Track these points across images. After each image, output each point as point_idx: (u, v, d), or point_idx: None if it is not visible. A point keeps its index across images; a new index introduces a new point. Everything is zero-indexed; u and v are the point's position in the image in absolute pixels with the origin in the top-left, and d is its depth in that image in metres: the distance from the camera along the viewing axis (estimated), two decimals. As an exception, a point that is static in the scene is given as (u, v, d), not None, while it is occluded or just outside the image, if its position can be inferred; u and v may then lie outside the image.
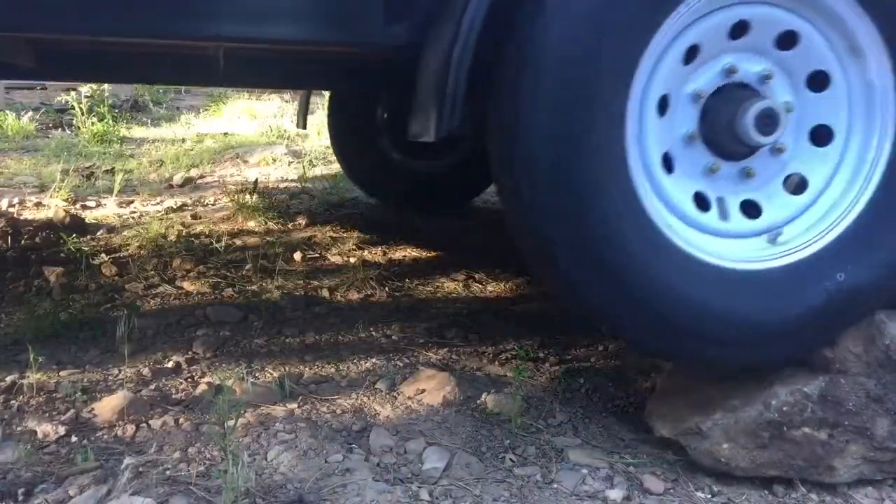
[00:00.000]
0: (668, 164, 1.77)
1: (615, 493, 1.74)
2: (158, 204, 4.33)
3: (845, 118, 1.79)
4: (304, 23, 1.68)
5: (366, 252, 3.41)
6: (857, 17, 1.69)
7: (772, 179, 1.83)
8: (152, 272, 3.04)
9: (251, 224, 3.84)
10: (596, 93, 1.57)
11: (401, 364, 2.33)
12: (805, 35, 1.73)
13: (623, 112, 1.62)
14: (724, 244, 1.79)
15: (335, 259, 3.32)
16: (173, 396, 2.09)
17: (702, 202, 1.80)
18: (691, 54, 1.72)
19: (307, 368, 2.30)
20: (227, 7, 1.64)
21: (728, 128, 1.72)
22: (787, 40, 1.74)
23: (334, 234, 3.67)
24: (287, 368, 2.27)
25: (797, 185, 1.85)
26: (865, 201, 1.78)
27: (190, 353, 2.37)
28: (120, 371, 2.23)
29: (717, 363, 1.80)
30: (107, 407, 1.98)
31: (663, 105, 1.74)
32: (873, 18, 1.69)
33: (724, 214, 1.79)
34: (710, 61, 1.74)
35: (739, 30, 1.72)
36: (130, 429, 1.91)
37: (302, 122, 3.88)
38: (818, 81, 1.77)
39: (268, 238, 3.59)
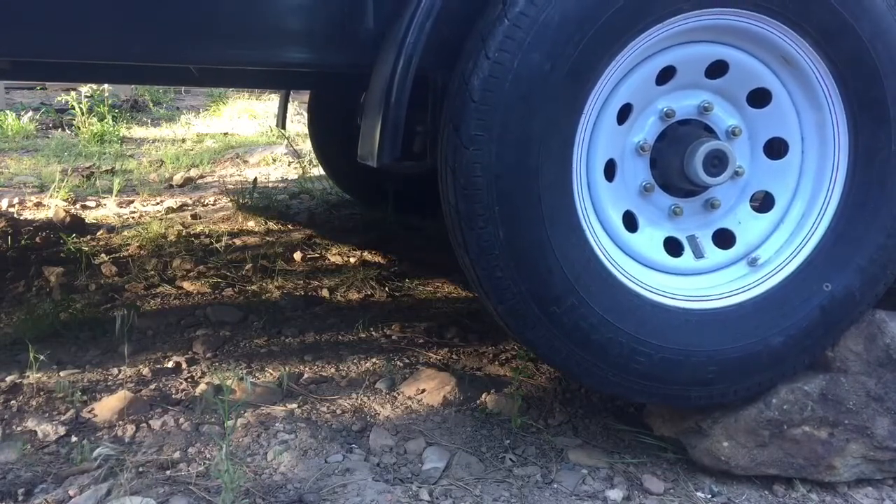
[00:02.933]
0: (632, 221, 1.77)
1: (615, 493, 1.74)
2: (158, 204, 4.33)
3: (796, 125, 1.79)
4: (251, 47, 1.71)
5: (366, 252, 3.41)
6: (783, 34, 1.69)
7: (738, 203, 1.83)
8: (152, 272, 3.04)
9: (251, 224, 3.84)
10: (536, 171, 1.58)
11: (401, 364, 2.32)
12: (734, 61, 1.73)
13: (569, 188, 1.62)
14: (706, 281, 1.80)
15: (335, 259, 3.32)
16: (173, 396, 2.10)
17: (675, 246, 1.80)
18: (624, 113, 1.72)
19: (307, 368, 2.30)
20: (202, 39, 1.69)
21: (680, 173, 1.72)
22: (718, 70, 1.73)
23: (334, 234, 3.67)
24: (287, 368, 2.27)
25: (764, 202, 1.85)
26: (836, 202, 1.78)
27: (190, 353, 2.37)
28: (120, 371, 2.23)
29: (714, 400, 1.79)
30: (107, 407, 1.98)
31: (611, 169, 1.74)
32: (801, 33, 1.68)
33: (698, 252, 1.79)
34: (646, 111, 1.74)
35: (666, 74, 1.71)
36: (130, 429, 1.91)
37: (281, 122, 3.82)
38: (760, 98, 1.77)
39: (268, 238, 3.59)
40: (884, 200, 1.75)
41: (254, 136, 6.80)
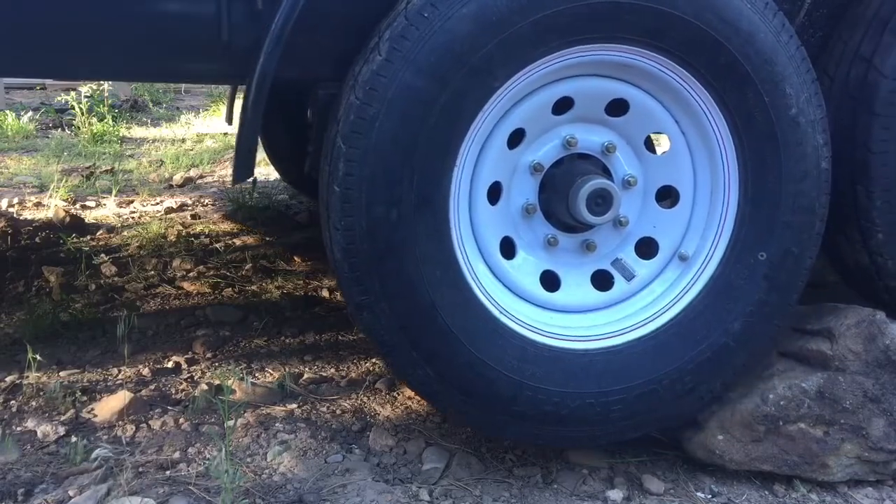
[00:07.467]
0: (553, 281, 1.76)
1: (615, 493, 1.74)
2: (158, 204, 4.33)
3: (672, 125, 1.75)
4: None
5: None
6: (646, 58, 1.65)
7: (644, 208, 1.80)
8: (152, 272, 3.04)
9: (251, 224, 3.84)
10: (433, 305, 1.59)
11: (400, 364, 2.32)
12: (578, 98, 1.70)
13: (462, 281, 1.62)
14: (649, 295, 1.79)
15: (335, 259, 3.32)
16: (173, 396, 2.10)
17: (605, 279, 1.79)
18: (494, 192, 1.70)
19: (307, 368, 2.30)
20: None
21: (573, 217, 1.69)
22: (562, 104, 1.70)
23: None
24: (287, 368, 2.27)
25: (671, 198, 1.82)
26: (736, 173, 1.73)
27: (190, 353, 2.37)
28: (120, 371, 2.24)
29: (707, 404, 1.80)
30: (107, 407, 1.98)
31: (510, 248, 1.73)
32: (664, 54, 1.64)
33: (628, 275, 1.77)
34: (514, 194, 1.72)
35: (515, 137, 1.69)
36: (130, 429, 1.91)
37: (229, 118, 3.75)
38: (617, 108, 1.73)
39: (268, 238, 3.59)
40: (781, 152, 1.70)
41: (254, 136, 6.78)
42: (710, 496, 1.78)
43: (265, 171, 5.41)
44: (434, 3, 1.50)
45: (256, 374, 2.23)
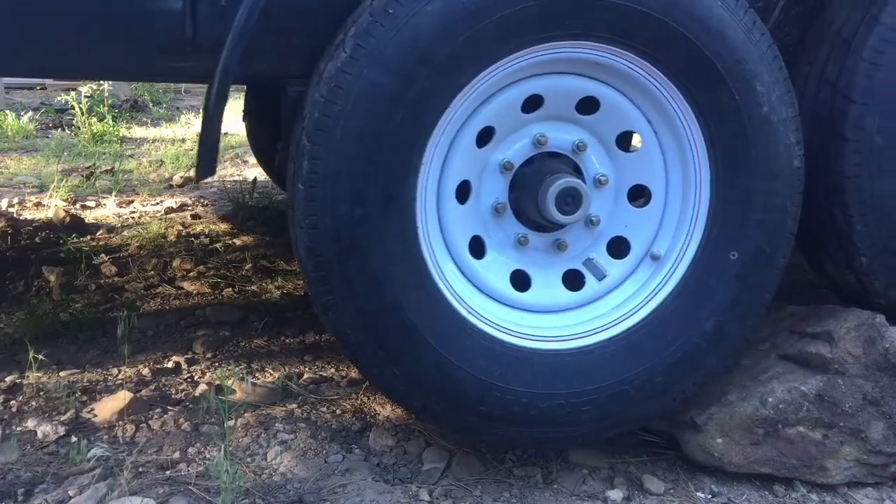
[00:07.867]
0: (523, 281, 1.75)
1: (615, 494, 1.74)
2: (158, 204, 4.33)
3: (644, 123, 1.74)
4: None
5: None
6: (613, 55, 1.63)
7: (616, 207, 1.78)
8: (152, 272, 3.04)
9: (251, 224, 3.84)
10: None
11: (400, 364, 2.33)
12: (548, 96, 1.68)
13: (429, 281, 1.61)
14: (621, 294, 1.77)
15: (335, 259, 3.32)
16: (173, 396, 2.10)
17: (576, 278, 1.78)
18: (463, 191, 1.69)
19: (307, 368, 2.30)
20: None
21: (543, 217, 1.67)
22: (532, 102, 1.69)
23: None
24: (287, 368, 2.27)
25: (643, 197, 1.80)
26: (707, 179, 1.72)
27: (190, 353, 2.37)
28: (120, 371, 2.24)
29: (678, 403, 1.78)
30: (107, 407, 1.98)
31: (479, 247, 1.72)
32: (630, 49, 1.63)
33: (599, 274, 1.76)
34: (483, 193, 1.71)
35: (484, 135, 1.68)
36: (130, 429, 1.91)
37: None
38: (588, 106, 1.72)
39: (268, 238, 3.59)
40: (752, 150, 1.68)
41: (253, 137, 6.77)
42: (710, 496, 1.79)
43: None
44: (399, 0, 1.50)
45: (256, 374, 2.24)
